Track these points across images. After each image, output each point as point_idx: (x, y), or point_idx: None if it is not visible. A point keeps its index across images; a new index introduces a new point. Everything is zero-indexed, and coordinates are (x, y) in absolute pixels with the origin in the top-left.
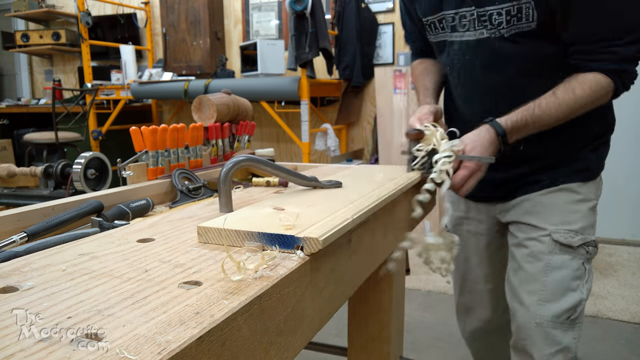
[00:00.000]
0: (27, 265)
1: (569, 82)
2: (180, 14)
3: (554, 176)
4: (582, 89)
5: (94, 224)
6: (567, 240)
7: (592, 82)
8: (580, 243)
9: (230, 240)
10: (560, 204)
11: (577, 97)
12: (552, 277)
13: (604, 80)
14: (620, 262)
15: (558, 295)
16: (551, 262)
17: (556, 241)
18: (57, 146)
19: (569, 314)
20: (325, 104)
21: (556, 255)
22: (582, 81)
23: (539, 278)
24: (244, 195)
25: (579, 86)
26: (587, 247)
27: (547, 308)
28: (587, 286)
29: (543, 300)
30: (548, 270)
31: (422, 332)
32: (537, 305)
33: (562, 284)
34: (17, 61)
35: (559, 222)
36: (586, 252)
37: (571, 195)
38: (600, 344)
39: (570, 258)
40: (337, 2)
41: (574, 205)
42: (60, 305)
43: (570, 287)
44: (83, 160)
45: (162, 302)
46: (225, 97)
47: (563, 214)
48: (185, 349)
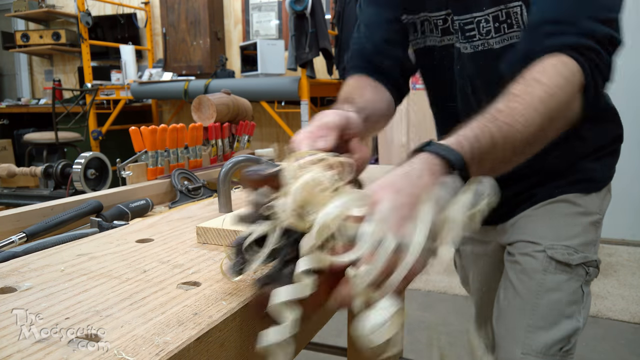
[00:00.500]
0: (25, 266)
1: (523, 77)
2: (180, 14)
3: (550, 188)
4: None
5: (93, 224)
6: (565, 257)
7: (557, 64)
8: (579, 262)
9: (229, 241)
10: (557, 217)
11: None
12: (545, 299)
13: (569, 61)
14: (620, 262)
15: (550, 322)
16: (545, 283)
17: (551, 258)
18: (57, 146)
19: (561, 345)
20: (325, 104)
21: (550, 274)
22: (542, 67)
23: (529, 299)
24: (243, 195)
25: (541, 74)
26: (588, 267)
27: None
28: (584, 313)
29: (533, 326)
30: (541, 292)
31: (422, 332)
32: (525, 332)
33: (555, 308)
34: (17, 61)
35: (555, 237)
36: (586, 274)
37: (570, 207)
38: (600, 344)
39: (566, 279)
40: (337, 2)
41: (573, 218)
42: (58, 305)
43: (565, 313)
44: (83, 160)
45: (161, 303)
46: (225, 97)
47: (560, 228)
48: (184, 349)
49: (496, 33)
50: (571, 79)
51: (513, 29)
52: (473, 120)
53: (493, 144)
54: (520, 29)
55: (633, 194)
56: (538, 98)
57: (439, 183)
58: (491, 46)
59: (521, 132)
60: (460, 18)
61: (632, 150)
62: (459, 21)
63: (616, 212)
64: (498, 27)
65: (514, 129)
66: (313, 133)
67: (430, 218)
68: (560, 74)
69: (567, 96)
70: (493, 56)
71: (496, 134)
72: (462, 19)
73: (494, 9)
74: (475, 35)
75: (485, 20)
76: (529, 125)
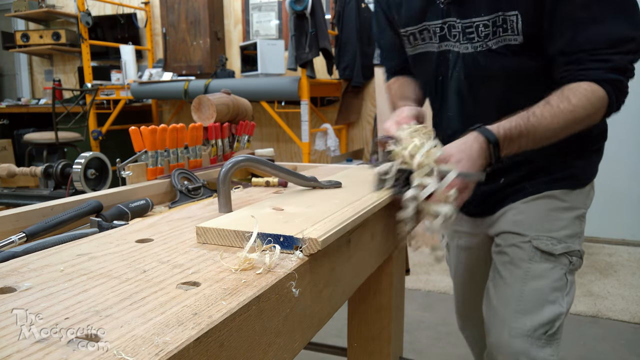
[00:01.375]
0: (25, 266)
1: (562, 91)
2: (180, 14)
3: (538, 184)
4: (578, 98)
5: (92, 224)
6: (549, 247)
7: (588, 91)
8: (562, 251)
9: (229, 241)
10: (542, 211)
11: (574, 107)
12: (530, 286)
13: (599, 90)
14: (620, 262)
15: (535, 307)
16: (530, 271)
17: (536, 248)
18: (57, 146)
19: (546, 329)
20: (325, 104)
21: (536, 263)
22: (575, 90)
23: (516, 286)
24: (243, 195)
25: (574, 95)
26: (571, 256)
27: (522, 320)
28: (567, 299)
29: (519, 311)
30: (527, 279)
31: (422, 332)
32: (512, 316)
33: (540, 294)
34: (17, 61)
35: (541, 229)
36: (569, 262)
37: (555, 203)
38: (600, 344)
39: (550, 267)
40: (337, 2)
41: (558, 212)
42: (58, 305)
43: (548, 298)
44: (83, 160)
45: (160, 303)
46: (225, 97)
47: (545, 221)
48: (183, 350)
49: (493, 36)
50: (596, 104)
51: (508, 33)
52: (514, 116)
53: (520, 135)
54: (514, 34)
55: (633, 194)
56: (562, 112)
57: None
58: (489, 47)
59: (542, 133)
60: (462, 22)
61: (632, 151)
62: (461, 24)
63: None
64: (495, 31)
65: (538, 130)
66: (399, 120)
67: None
68: (587, 99)
69: (588, 115)
70: (491, 55)
71: (524, 130)
72: (464, 22)
73: (492, 16)
74: (474, 38)
75: (484, 25)
76: (549, 129)
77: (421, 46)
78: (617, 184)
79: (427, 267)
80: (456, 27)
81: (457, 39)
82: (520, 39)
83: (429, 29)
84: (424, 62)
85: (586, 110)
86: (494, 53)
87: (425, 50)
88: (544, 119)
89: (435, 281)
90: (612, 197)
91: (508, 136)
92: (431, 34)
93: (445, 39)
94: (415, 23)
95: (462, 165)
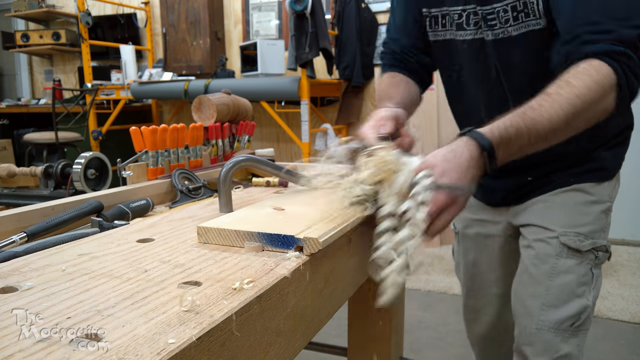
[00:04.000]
0: (26, 266)
1: (560, 78)
2: (180, 14)
3: (566, 176)
4: (580, 79)
5: (93, 224)
6: (576, 244)
7: (588, 69)
8: (589, 247)
9: (230, 240)
10: (571, 205)
11: (578, 90)
12: (557, 281)
13: (603, 67)
14: (620, 262)
15: (562, 301)
16: (557, 266)
17: (564, 244)
18: (57, 146)
19: (572, 321)
20: (325, 104)
21: (563, 259)
22: (575, 71)
23: (543, 281)
24: (243, 195)
25: (573, 77)
26: (597, 252)
27: (549, 313)
28: (593, 292)
29: (546, 304)
30: (554, 274)
31: (422, 332)
32: (539, 310)
33: (567, 289)
34: (17, 61)
35: (568, 225)
36: (595, 257)
37: (583, 196)
38: (600, 344)
39: (577, 263)
40: (337, 2)
41: (586, 207)
42: (59, 305)
43: (575, 292)
44: (83, 160)
45: (162, 303)
46: (225, 97)
47: (573, 216)
48: (185, 349)
49: (514, 21)
50: (602, 82)
51: (529, 18)
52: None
53: (519, 134)
54: (536, 18)
55: (633, 194)
56: (565, 98)
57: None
58: (510, 34)
59: (545, 126)
60: (483, 9)
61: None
62: (482, 11)
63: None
64: (516, 16)
65: (539, 123)
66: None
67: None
68: (590, 77)
69: (596, 96)
70: (512, 42)
71: (523, 126)
72: (484, 9)
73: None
74: (496, 25)
75: (503, 10)
76: (552, 120)
77: (441, 33)
78: None
79: (427, 267)
80: (477, 14)
81: (479, 25)
82: (543, 22)
83: (450, 15)
84: (444, 50)
85: (592, 91)
86: (516, 40)
87: (445, 37)
88: (544, 110)
89: (435, 281)
90: None
91: (504, 138)
92: (451, 20)
93: (461, 28)
94: (437, 5)
95: (448, 177)
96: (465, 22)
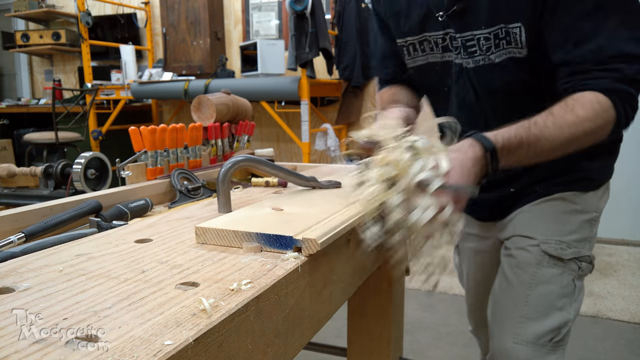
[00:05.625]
0: (23, 266)
1: (565, 102)
2: (180, 14)
3: (549, 186)
4: (584, 109)
5: (92, 224)
6: (557, 252)
7: (594, 102)
8: (571, 257)
9: (228, 241)
10: (552, 213)
11: (579, 119)
12: (537, 291)
13: (605, 101)
14: (620, 262)
15: (542, 313)
16: (537, 276)
17: (545, 252)
18: (57, 146)
19: (552, 335)
20: (325, 104)
21: (544, 268)
22: (581, 101)
23: (522, 291)
24: (243, 195)
25: (580, 106)
26: (580, 262)
27: (528, 326)
28: (575, 305)
29: (524, 316)
30: (534, 284)
31: (422, 332)
32: (517, 322)
33: (547, 300)
34: (17, 61)
35: (550, 232)
36: (578, 268)
37: (566, 205)
38: (600, 344)
39: (559, 273)
40: (337, 2)
41: (569, 215)
42: (56, 306)
43: (556, 305)
44: (83, 160)
45: (159, 303)
46: (225, 97)
47: (555, 224)
48: (182, 350)
49: (496, 49)
50: (602, 114)
51: (512, 46)
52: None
53: (520, 146)
54: (518, 47)
55: (632, 194)
56: (567, 124)
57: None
58: (492, 60)
59: (544, 145)
60: (462, 35)
61: (631, 151)
62: (460, 38)
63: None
64: (498, 44)
65: (540, 141)
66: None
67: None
68: (593, 109)
69: (594, 127)
70: (494, 68)
71: (525, 140)
72: (463, 36)
73: (494, 28)
74: (476, 52)
75: (485, 38)
76: (552, 141)
77: (421, 57)
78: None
79: None
80: (456, 40)
81: (459, 51)
82: (524, 52)
83: (430, 40)
84: (427, 73)
85: (592, 123)
86: (498, 66)
87: (427, 61)
88: (547, 129)
89: None
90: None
91: (507, 145)
92: (432, 44)
93: (448, 50)
94: (415, 34)
95: (453, 174)
96: (450, 44)
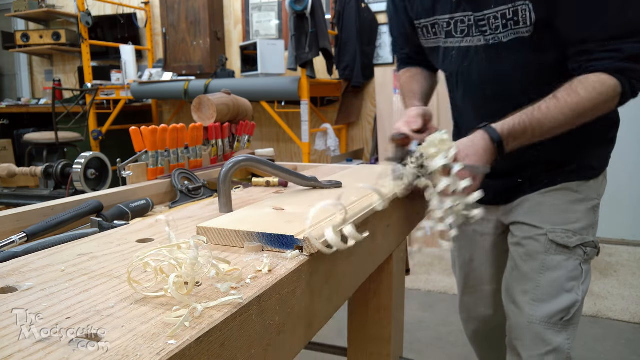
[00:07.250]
0: (26, 266)
1: (570, 85)
2: (180, 14)
3: (554, 176)
4: (587, 90)
5: (93, 224)
6: (564, 240)
7: (597, 83)
8: (577, 244)
9: (229, 241)
10: (558, 204)
11: (582, 99)
12: (546, 277)
13: (610, 80)
14: (620, 262)
15: (552, 296)
16: (546, 262)
17: (552, 241)
18: (57, 146)
19: (562, 315)
20: (325, 104)
21: (552, 255)
22: (585, 83)
23: (533, 277)
24: (243, 195)
25: (583, 88)
26: (585, 247)
27: (539, 308)
28: (583, 287)
29: (536, 300)
30: (543, 270)
31: (422, 332)
32: (529, 305)
33: (556, 284)
34: (17, 61)
35: (556, 222)
36: (584, 253)
37: (570, 195)
38: (600, 344)
39: (565, 258)
40: (337, 2)
41: (573, 204)
42: (59, 305)
43: (564, 287)
44: (83, 160)
45: (161, 303)
46: (225, 97)
47: (561, 214)
48: (184, 349)
49: (504, 29)
50: (606, 94)
51: (519, 26)
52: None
53: (525, 131)
54: (526, 26)
55: (632, 195)
56: (570, 106)
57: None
58: (500, 40)
59: (548, 126)
60: (476, 15)
61: (632, 150)
62: (474, 17)
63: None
64: (505, 24)
65: (544, 124)
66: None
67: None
68: (595, 90)
69: (598, 106)
70: (502, 48)
71: (529, 125)
72: (477, 15)
73: (502, 7)
74: (487, 31)
75: (494, 17)
76: (555, 122)
77: (432, 40)
78: (617, 183)
79: (427, 267)
80: (465, 21)
81: (466, 33)
82: (531, 29)
83: (439, 24)
84: (435, 57)
85: (593, 102)
86: (505, 46)
87: (436, 45)
88: (550, 113)
89: (435, 281)
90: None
91: (512, 134)
92: (441, 29)
93: (450, 35)
94: (427, 16)
95: (469, 160)
96: (454, 29)
